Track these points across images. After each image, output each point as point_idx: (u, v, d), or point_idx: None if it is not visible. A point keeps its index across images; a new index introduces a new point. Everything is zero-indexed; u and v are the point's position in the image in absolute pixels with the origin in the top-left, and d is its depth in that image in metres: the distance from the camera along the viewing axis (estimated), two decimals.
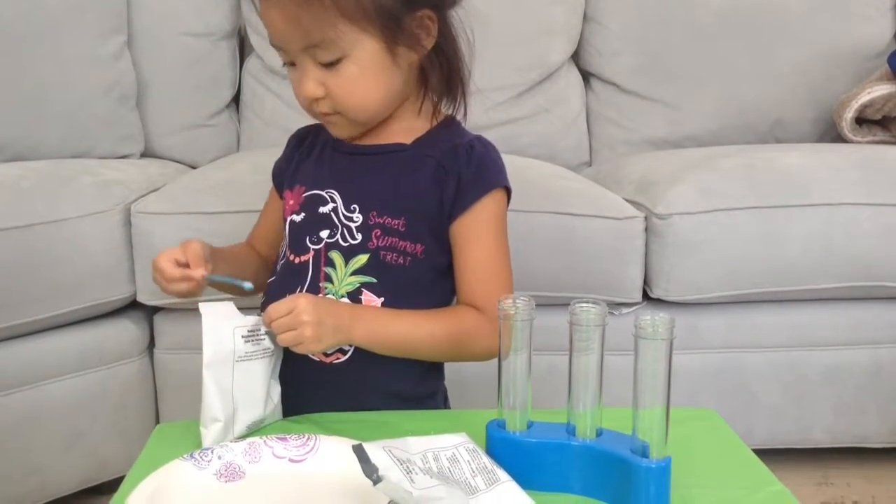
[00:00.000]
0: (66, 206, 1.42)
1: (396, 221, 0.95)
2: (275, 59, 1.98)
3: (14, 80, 1.76)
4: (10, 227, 1.34)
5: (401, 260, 0.95)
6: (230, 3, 2.04)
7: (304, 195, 1.00)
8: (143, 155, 1.95)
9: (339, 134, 0.99)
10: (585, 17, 2.11)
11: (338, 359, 0.96)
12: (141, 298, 1.49)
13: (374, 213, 0.95)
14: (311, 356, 0.95)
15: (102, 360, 1.48)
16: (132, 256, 1.47)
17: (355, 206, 0.96)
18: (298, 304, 0.86)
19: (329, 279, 0.96)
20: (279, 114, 1.99)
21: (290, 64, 0.94)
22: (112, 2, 1.89)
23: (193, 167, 1.95)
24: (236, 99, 2.10)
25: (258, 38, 2.03)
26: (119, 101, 1.88)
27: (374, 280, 0.95)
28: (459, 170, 0.95)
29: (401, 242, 0.95)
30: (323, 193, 0.98)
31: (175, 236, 1.43)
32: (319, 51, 0.90)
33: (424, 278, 0.97)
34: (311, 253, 0.97)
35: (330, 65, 0.91)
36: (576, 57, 2.14)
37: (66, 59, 1.80)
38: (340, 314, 0.90)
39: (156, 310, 1.55)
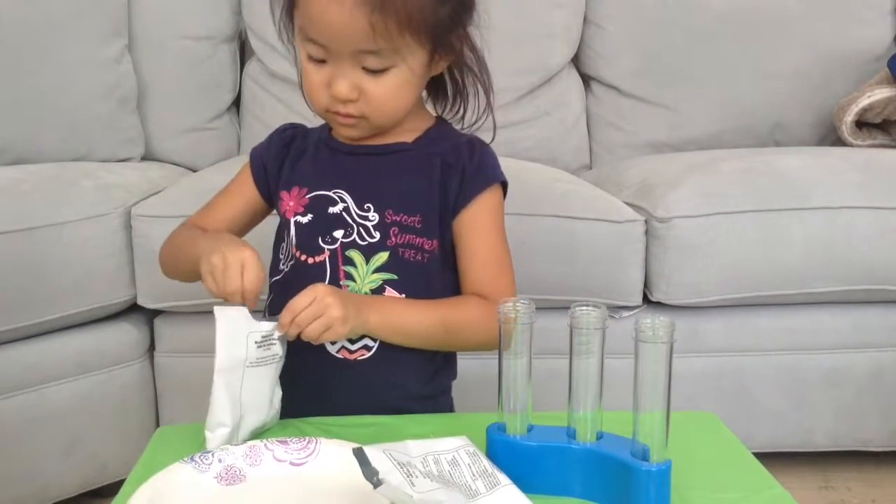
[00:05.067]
0: (66, 209, 1.42)
1: (412, 219, 0.96)
2: (275, 62, 2.03)
3: (15, 83, 1.76)
4: (11, 230, 1.34)
5: (419, 257, 0.97)
6: (231, 7, 2.05)
7: (308, 196, 1.00)
8: (144, 158, 1.95)
9: (351, 135, 0.98)
10: (586, 21, 2.11)
11: (362, 355, 0.96)
12: (141, 301, 1.49)
13: (391, 212, 0.96)
14: (332, 352, 0.95)
15: (103, 364, 1.48)
16: (132, 260, 1.47)
17: (369, 205, 0.97)
18: (319, 291, 0.86)
19: (350, 277, 0.96)
20: (280, 117, 1.97)
21: (320, 61, 0.91)
22: (113, 5, 1.89)
23: (194, 170, 1.96)
24: (237, 102, 2.10)
25: (259, 42, 2.03)
26: (119, 104, 1.88)
27: (396, 277, 0.96)
28: (463, 165, 0.98)
29: (418, 239, 0.96)
30: (330, 194, 0.99)
31: None
32: (373, 57, 0.89)
33: (440, 274, 0.99)
34: (327, 253, 0.97)
35: (374, 71, 0.90)
36: (576, 60, 2.14)
37: (66, 63, 1.80)
38: (356, 297, 0.93)
39: (156, 313, 1.55)
